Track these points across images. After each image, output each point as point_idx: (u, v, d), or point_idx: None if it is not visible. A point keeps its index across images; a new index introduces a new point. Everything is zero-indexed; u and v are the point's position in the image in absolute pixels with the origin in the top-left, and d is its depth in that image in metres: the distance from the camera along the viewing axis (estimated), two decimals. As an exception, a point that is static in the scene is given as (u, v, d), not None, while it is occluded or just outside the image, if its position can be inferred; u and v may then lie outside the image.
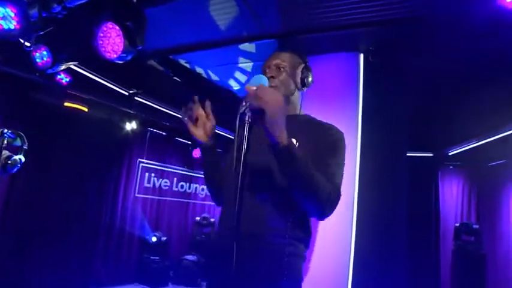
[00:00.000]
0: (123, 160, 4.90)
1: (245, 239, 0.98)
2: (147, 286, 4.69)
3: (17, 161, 2.00)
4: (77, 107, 3.88)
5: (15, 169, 2.02)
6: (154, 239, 4.96)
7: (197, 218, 5.75)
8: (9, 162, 1.97)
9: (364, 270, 2.18)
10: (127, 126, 4.67)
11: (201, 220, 5.68)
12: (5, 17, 2.01)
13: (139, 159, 5.19)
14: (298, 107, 1.23)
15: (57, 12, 2.15)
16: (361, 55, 2.43)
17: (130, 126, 4.68)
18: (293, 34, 2.25)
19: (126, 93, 4.02)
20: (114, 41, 1.91)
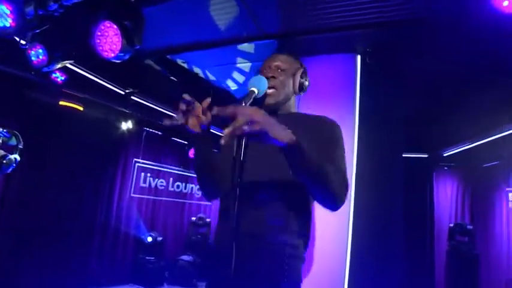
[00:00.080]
0: (119, 160, 4.87)
1: (245, 239, 0.98)
2: (142, 286, 4.66)
3: (12, 161, 1.98)
4: (73, 106, 3.84)
5: (10, 169, 1.99)
6: (149, 239, 4.94)
7: (193, 218, 5.74)
8: (4, 161, 1.95)
9: (360, 270, 2.19)
10: (123, 126, 4.64)
11: (197, 220, 5.66)
12: (1, 15, 1.99)
13: (135, 159, 5.16)
14: (294, 110, 1.24)
15: (53, 10, 2.13)
16: (358, 56, 2.45)
17: (126, 125, 4.65)
18: (291, 35, 2.25)
19: (122, 93, 4.00)
20: (112, 40, 1.90)
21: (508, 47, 1.93)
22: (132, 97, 4.08)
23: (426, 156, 5.33)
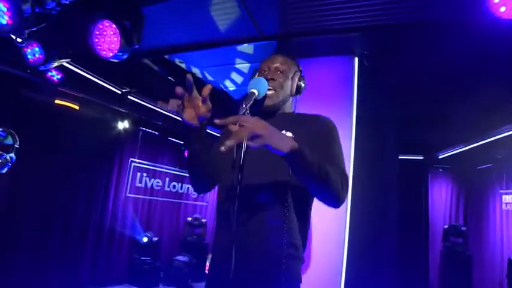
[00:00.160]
0: (115, 159, 4.84)
1: (244, 240, 0.99)
2: (138, 287, 4.64)
3: (7, 160, 1.96)
4: (69, 105, 3.81)
5: (6, 168, 1.98)
6: (145, 239, 4.91)
7: (189, 218, 5.72)
8: (0, 161, 1.93)
9: (356, 269, 2.21)
10: (119, 125, 4.62)
11: (193, 221, 5.65)
12: (-3, 12, 1.97)
13: (131, 159, 5.13)
14: (290, 111, 1.25)
15: (51, 8, 2.11)
16: (356, 59, 2.46)
17: (122, 125, 4.62)
18: (290, 36, 2.26)
19: (118, 92, 3.97)
20: (110, 39, 1.89)
21: (504, 51, 1.96)
22: (129, 97, 4.06)
23: (421, 158, 5.38)
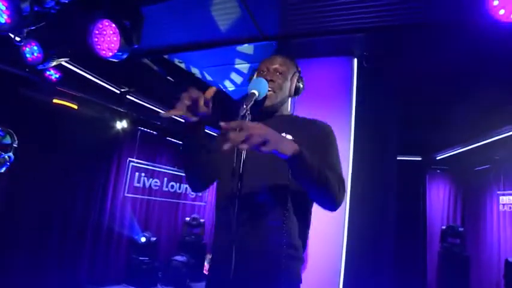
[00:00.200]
0: (113, 159, 4.82)
1: (244, 239, 0.99)
2: (136, 287, 4.62)
3: (5, 160, 1.95)
4: (67, 104, 3.80)
5: (4, 168, 1.96)
6: (143, 239, 4.89)
7: (187, 218, 5.71)
8: (-2, 160, 1.92)
9: (355, 270, 2.21)
10: (118, 125, 4.61)
11: (191, 221, 5.64)
12: (-4, 11, 1.96)
13: (129, 159, 5.12)
14: (288, 112, 1.26)
15: (50, 7, 2.11)
16: (355, 60, 2.47)
17: (121, 125, 4.61)
18: (290, 37, 2.26)
19: (117, 91, 3.96)
20: (110, 39, 1.88)
21: (502, 53, 1.97)
22: (128, 96, 4.05)
23: (420, 159, 5.40)
